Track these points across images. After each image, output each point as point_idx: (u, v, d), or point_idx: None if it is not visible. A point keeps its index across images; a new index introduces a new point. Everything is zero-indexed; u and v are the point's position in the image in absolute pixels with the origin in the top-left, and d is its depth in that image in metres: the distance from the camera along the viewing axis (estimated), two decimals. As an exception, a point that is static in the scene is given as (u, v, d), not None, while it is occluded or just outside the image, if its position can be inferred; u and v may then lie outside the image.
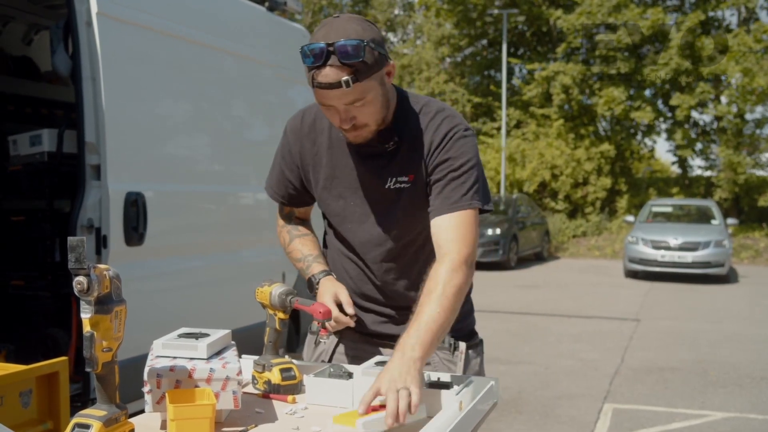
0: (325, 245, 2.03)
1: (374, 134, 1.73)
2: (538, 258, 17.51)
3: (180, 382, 1.46)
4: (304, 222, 2.02)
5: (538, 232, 17.42)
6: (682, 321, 9.11)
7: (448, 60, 26.35)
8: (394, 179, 1.78)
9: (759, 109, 21.59)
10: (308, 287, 1.87)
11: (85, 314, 1.30)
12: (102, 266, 1.32)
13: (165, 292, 3.76)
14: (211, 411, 1.38)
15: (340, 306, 1.76)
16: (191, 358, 1.52)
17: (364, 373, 1.60)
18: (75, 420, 1.30)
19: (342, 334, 1.95)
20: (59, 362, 2.16)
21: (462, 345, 1.86)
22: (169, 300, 3.77)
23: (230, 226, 4.35)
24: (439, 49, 25.84)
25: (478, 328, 2.03)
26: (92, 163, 3.37)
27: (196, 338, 1.57)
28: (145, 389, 1.46)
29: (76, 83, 3.37)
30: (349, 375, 1.63)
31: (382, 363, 1.66)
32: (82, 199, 3.32)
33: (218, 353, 1.59)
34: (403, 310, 1.84)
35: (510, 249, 15.21)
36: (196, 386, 1.46)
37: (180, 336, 1.60)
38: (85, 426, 1.29)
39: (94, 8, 3.34)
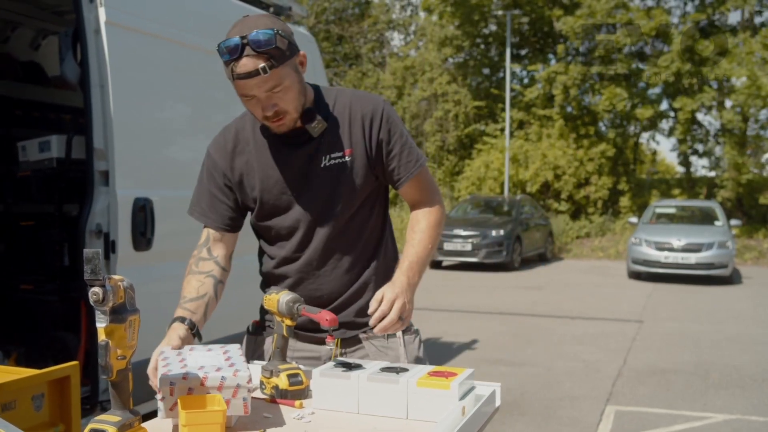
0: (261, 268, 2.10)
1: (296, 122, 1.84)
2: (542, 259, 17.51)
3: (192, 389, 1.50)
4: (216, 255, 2.02)
5: (542, 233, 17.42)
6: (685, 322, 9.14)
7: (450, 61, 26.34)
8: (328, 157, 1.89)
9: (764, 111, 21.57)
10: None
11: (101, 323, 1.34)
12: (116, 277, 1.36)
13: (172, 296, 3.78)
14: (222, 417, 1.42)
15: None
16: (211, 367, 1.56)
17: (370, 379, 1.64)
18: (90, 426, 1.35)
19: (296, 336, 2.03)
20: (71, 366, 2.19)
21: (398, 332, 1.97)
22: (177, 304, 3.81)
23: (236, 231, 4.38)
24: (441, 50, 25.85)
25: (481, 328, 2.12)
26: (101, 169, 3.40)
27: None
28: (158, 397, 1.50)
29: (84, 90, 3.40)
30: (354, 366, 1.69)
31: (387, 369, 1.70)
32: (90, 205, 3.36)
33: (228, 359, 1.63)
34: (337, 300, 1.96)
35: (514, 250, 15.22)
36: (208, 393, 1.51)
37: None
38: (101, 432, 1.33)
39: (102, 17, 3.38)
